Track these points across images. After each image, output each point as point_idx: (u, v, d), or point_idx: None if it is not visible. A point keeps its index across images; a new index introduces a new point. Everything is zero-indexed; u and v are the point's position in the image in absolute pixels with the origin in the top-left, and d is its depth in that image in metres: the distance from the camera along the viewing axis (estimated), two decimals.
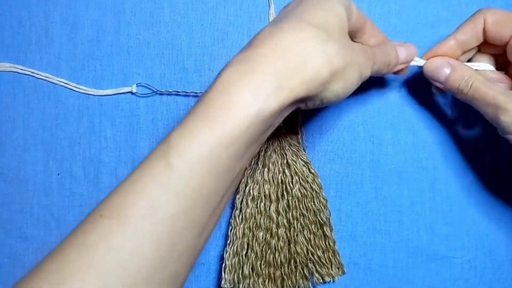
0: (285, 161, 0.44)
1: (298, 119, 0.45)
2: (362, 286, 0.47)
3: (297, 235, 0.44)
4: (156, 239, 0.29)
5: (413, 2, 0.46)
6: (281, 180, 0.44)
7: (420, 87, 0.47)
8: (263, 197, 0.44)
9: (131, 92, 0.46)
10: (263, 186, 0.44)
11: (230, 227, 0.45)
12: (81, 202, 0.46)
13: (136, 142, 0.46)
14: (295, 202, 0.44)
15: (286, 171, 0.44)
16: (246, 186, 0.44)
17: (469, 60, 0.43)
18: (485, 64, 0.42)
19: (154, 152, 0.31)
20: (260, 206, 0.44)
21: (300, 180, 0.44)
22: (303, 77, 0.30)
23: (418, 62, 0.42)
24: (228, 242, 0.45)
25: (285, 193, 0.44)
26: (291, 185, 0.44)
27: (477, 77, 0.38)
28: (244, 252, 0.44)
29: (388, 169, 0.47)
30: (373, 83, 0.47)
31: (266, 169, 0.44)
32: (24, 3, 0.46)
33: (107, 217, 0.29)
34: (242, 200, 0.44)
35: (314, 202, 0.45)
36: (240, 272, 0.44)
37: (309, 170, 0.45)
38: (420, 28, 0.46)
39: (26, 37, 0.46)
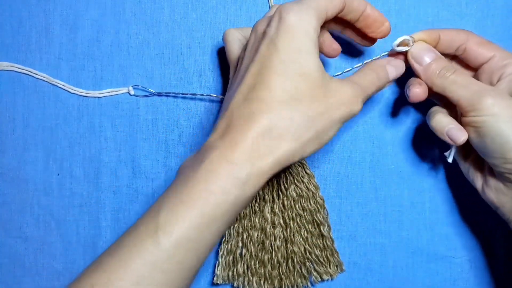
0: None
1: None
2: (362, 286, 0.47)
3: (293, 234, 0.44)
4: None
5: (413, 2, 0.46)
6: (276, 181, 0.44)
7: None
8: (257, 198, 0.44)
9: (128, 93, 0.46)
10: None
11: None
12: (81, 202, 0.46)
13: (136, 142, 0.46)
14: (290, 202, 0.44)
15: (280, 172, 0.44)
16: None
17: None
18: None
19: (143, 227, 0.33)
20: (254, 206, 0.44)
21: (295, 180, 0.44)
22: (275, 158, 0.33)
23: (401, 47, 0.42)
24: (223, 240, 0.45)
25: (280, 193, 0.44)
26: (285, 185, 0.44)
27: (458, 66, 0.41)
28: (239, 251, 0.44)
29: (388, 169, 0.47)
30: None
31: None
32: (24, 3, 0.46)
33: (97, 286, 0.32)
34: None
35: (310, 202, 0.45)
36: (234, 270, 0.44)
37: (304, 170, 0.45)
38: (420, 28, 0.46)
39: (26, 37, 0.46)
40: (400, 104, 0.47)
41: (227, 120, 0.35)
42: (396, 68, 0.40)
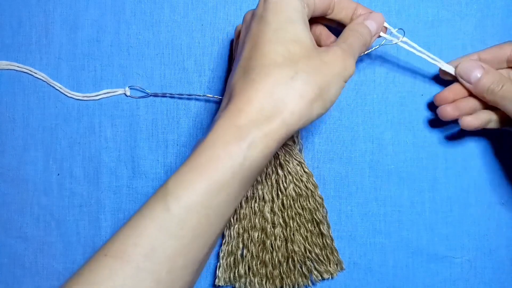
0: (277, 162, 0.44)
1: None
2: (362, 286, 0.47)
3: (293, 234, 0.44)
4: (156, 277, 0.32)
5: (413, 2, 0.46)
6: (275, 180, 0.44)
7: (420, 87, 0.47)
8: (257, 198, 0.44)
9: (124, 94, 0.46)
10: (256, 186, 0.44)
11: (226, 227, 0.45)
12: (81, 202, 0.46)
13: (136, 142, 0.46)
14: (290, 201, 0.44)
15: (279, 171, 0.44)
16: None
17: None
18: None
19: (153, 197, 0.34)
20: (254, 206, 0.44)
21: (294, 179, 0.44)
22: (281, 120, 0.33)
23: (445, 67, 0.43)
24: (223, 241, 0.45)
25: (279, 193, 0.44)
26: (285, 185, 0.44)
27: (507, 79, 0.41)
28: (240, 252, 0.44)
29: (388, 169, 0.47)
30: (374, 84, 0.47)
31: None
32: (24, 3, 0.46)
33: (111, 256, 0.32)
34: None
35: (309, 201, 0.45)
36: (235, 271, 0.44)
37: (303, 169, 0.45)
38: (420, 28, 0.46)
39: (26, 37, 0.46)
40: (400, 105, 0.47)
41: (229, 94, 0.35)
42: (375, 21, 0.40)
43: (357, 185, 0.47)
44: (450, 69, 0.43)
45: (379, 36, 0.41)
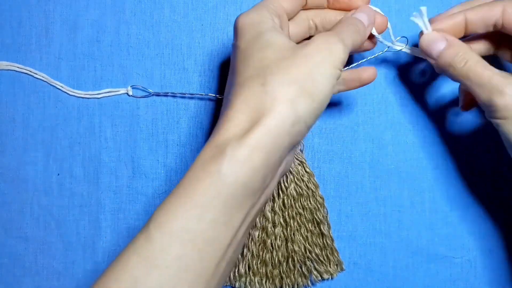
0: None
1: None
2: (362, 286, 0.47)
3: (294, 233, 0.44)
4: None
5: (413, 2, 0.46)
6: None
7: (420, 87, 0.47)
8: None
9: (127, 94, 0.46)
10: None
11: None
12: (81, 202, 0.46)
13: (136, 142, 0.46)
14: (291, 201, 0.44)
15: None
16: None
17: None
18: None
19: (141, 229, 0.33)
20: None
21: (295, 179, 0.44)
22: (262, 128, 0.31)
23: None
24: None
25: (280, 192, 0.44)
26: (286, 184, 0.44)
27: (473, 55, 0.36)
28: (240, 251, 0.44)
29: (388, 169, 0.47)
30: (374, 84, 0.47)
31: None
32: (24, 3, 0.46)
33: None
34: None
35: (310, 200, 0.45)
36: (235, 271, 0.44)
37: (304, 169, 0.45)
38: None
39: (26, 37, 0.46)
40: (400, 105, 0.47)
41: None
42: (363, 12, 0.38)
43: (357, 185, 0.47)
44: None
45: (373, 37, 0.40)
